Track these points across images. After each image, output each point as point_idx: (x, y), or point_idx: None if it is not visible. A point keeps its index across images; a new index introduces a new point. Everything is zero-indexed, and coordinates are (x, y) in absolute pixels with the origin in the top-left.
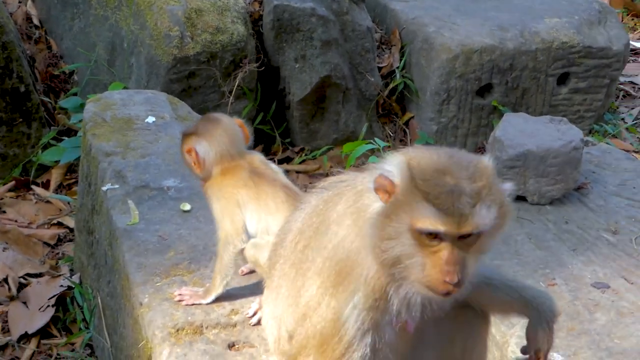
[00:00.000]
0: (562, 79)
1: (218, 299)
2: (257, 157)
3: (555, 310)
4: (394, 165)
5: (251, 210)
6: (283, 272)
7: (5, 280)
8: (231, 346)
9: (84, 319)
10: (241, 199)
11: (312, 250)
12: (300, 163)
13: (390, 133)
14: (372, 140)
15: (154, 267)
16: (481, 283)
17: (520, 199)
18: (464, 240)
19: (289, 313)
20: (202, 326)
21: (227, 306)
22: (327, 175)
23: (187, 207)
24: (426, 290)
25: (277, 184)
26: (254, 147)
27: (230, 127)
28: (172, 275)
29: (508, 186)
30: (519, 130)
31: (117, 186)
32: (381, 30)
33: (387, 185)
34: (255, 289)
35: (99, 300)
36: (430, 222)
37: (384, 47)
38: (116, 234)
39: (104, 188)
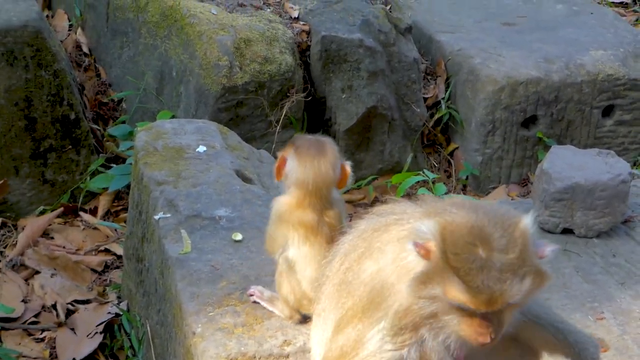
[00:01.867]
0: (607, 111)
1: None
2: (336, 213)
3: (597, 358)
4: (430, 230)
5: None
6: (327, 293)
7: (54, 306)
8: None
9: (131, 347)
10: (291, 238)
11: (353, 273)
12: (345, 193)
13: (435, 163)
14: (421, 172)
15: (207, 297)
16: (529, 321)
17: (567, 231)
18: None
19: (326, 335)
20: (255, 357)
21: (279, 337)
22: (371, 204)
23: (239, 237)
24: (463, 340)
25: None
26: None
27: (326, 166)
28: (224, 305)
29: (549, 251)
30: (567, 163)
31: (169, 215)
32: (427, 61)
33: (423, 252)
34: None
35: (148, 328)
36: (459, 297)
37: (429, 78)
38: (168, 262)
39: (156, 217)
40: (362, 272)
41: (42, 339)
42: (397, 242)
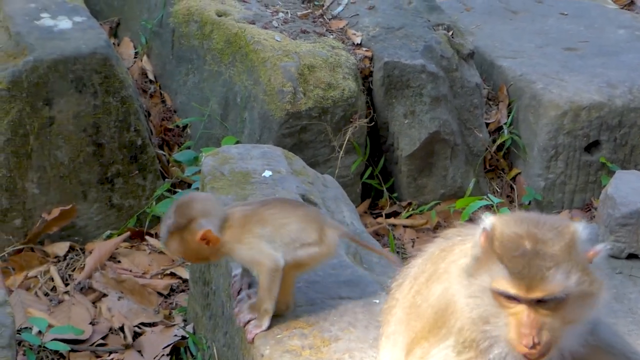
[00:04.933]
0: None
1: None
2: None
3: None
4: (487, 223)
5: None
6: (397, 316)
7: (121, 329)
8: None
9: None
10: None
11: (421, 296)
12: (407, 217)
13: (497, 189)
14: (485, 197)
15: (274, 320)
16: (600, 348)
17: (632, 257)
18: (543, 305)
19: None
20: None
21: (347, 359)
22: (434, 229)
23: None
24: (515, 352)
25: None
26: (361, 201)
27: (203, 196)
28: (292, 328)
29: (598, 248)
30: (632, 188)
31: None
32: (488, 86)
33: (480, 241)
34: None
35: (215, 351)
36: (502, 283)
37: (491, 103)
38: None
39: None
40: (430, 295)
41: None
42: (460, 259)
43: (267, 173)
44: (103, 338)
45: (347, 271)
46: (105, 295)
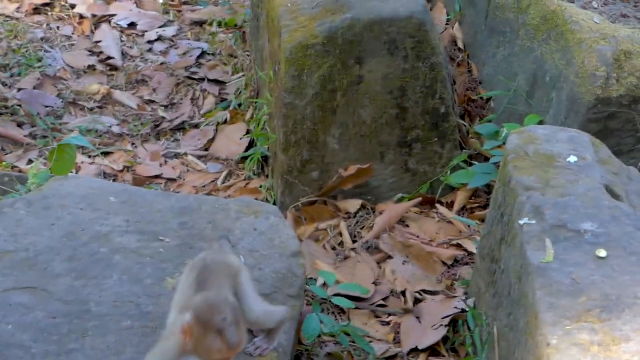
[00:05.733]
0: None
1: None
2: None
3: None
4: None
5: None
6: None
7: (403, 292)
8: None
9: (472, 344)
10: None
11: None
12: None
13: None
14: None
15: (565, 310)
16: None
17: None
18: None
19: None
20: None
21: None
22: None
23: (603, 253)
24: None
25: None
26: None
27: None
28: (582, 321)
29: None
30: None
31: (533, 222)
32: None
33: None
34: None
35: (495, 330)
36: None
37: None
38: (528, 269)
39: (520, 221)
40: None
41: (388, 323)
42: None
43: (572, 158)
44: (383, 299)
45: None
46: (390, 257)
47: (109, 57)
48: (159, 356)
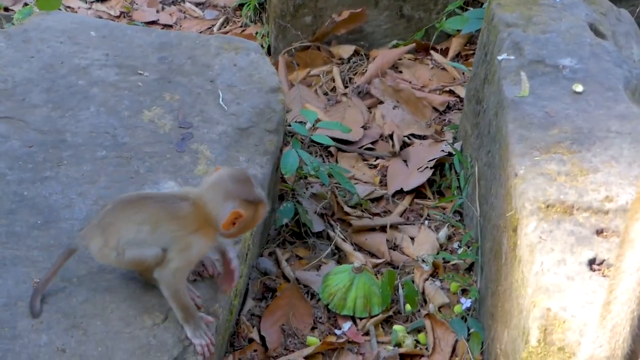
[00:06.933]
0: None
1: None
2: None
3: None
4: None
5: None
6: None
7: (391, 136)
8: (599, 232)
9: (458, 187)
10: None
11: None
12: None
13: None
14: None
15: (535, 141)
16: None
17: None
18: None
19: None
20: (573, 207)
21: (602, 192)
22: None
23: (580, 88)
24: None
25: None
26: None
27: None
28: (551, 152)
29: None
30: None
31: (512, 57)
32: None
33: None
34: (634, 179)
35: (476, 169)
36: None
37: None
38: (504, 103)
39: (499, 57)
40: None
41: (375, 166)
42: None
43: None
44: (372, 143)
45: (620, 106)
46: (381, 102)
47: None
48: (185, 265)
